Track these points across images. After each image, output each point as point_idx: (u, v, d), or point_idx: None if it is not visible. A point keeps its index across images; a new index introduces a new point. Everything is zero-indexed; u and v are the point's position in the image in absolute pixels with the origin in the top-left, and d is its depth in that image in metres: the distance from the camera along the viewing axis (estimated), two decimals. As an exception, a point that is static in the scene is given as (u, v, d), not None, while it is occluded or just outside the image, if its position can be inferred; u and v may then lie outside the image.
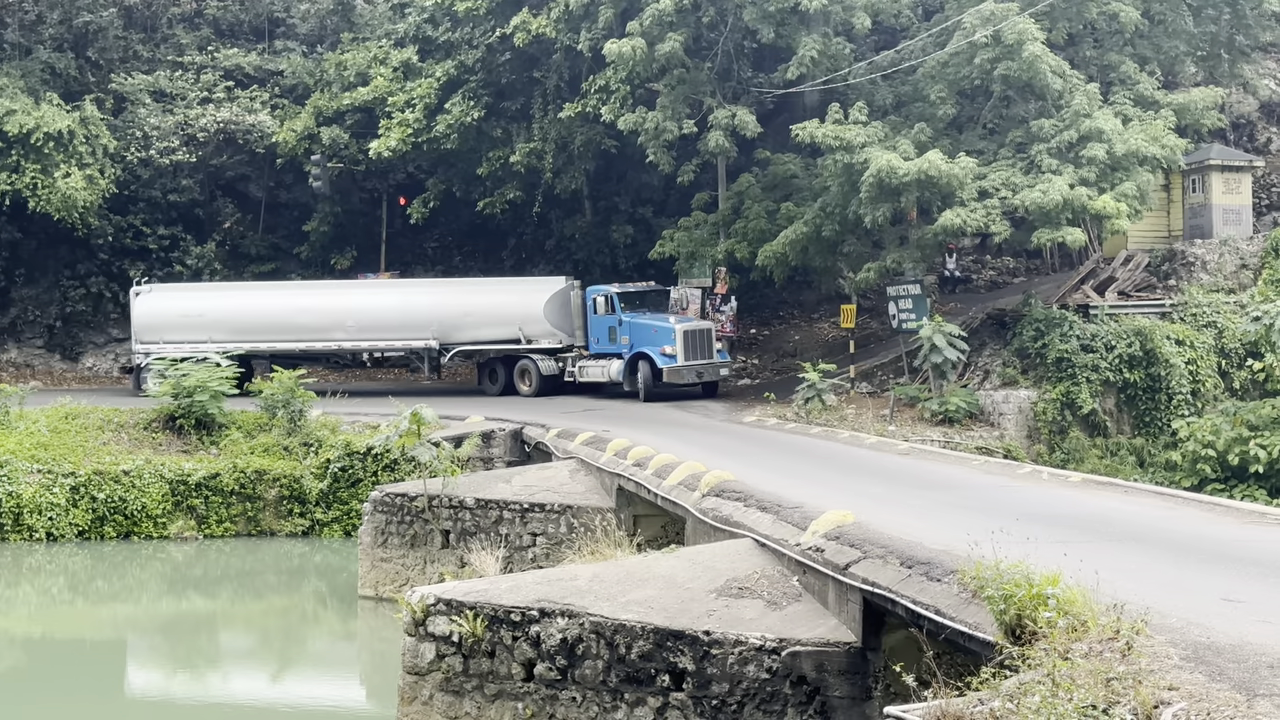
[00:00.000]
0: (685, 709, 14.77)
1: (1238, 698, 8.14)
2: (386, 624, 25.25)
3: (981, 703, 9.18)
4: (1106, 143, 35.90)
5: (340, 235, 56.35)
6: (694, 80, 42.67)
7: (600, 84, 44.61)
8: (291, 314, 45.95)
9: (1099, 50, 41.99)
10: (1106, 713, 8.11)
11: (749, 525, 17.95)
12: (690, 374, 40.49)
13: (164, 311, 45.98)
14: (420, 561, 27.86)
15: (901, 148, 37.05)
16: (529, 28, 45.83)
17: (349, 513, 34.90)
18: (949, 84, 39.35)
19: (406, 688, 16.17)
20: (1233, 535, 16.34)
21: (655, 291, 43.94)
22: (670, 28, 40.71)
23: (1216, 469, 33.71)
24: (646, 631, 15.03)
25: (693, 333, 40.73)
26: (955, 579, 12.25)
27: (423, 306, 45.36)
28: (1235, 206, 43.49)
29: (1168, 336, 37.70)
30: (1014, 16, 36.97)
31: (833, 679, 14.50)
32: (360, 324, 45.44)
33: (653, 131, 41.72)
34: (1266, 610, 11.16)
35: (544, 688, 15.46)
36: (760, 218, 42.69)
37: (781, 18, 40.60)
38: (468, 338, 44.87)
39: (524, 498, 27.00)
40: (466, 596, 16.21)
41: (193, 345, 43.98)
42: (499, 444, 34.79)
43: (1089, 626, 9.65)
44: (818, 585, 15.53)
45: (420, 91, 49.00)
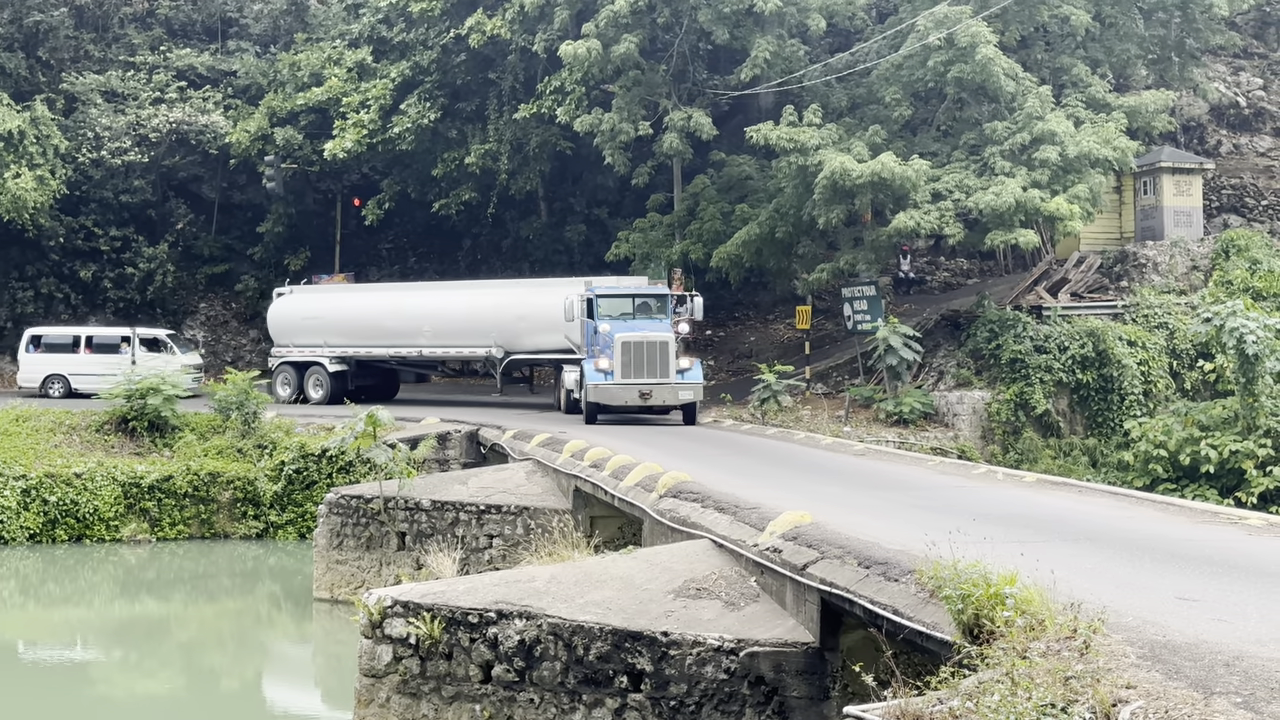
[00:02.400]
0: (643, 710, 14.76)
1: (1195, 695, 8.20)
2: (342, 627, 25.15)
3: (940, 702, 9.21)
4: (1059, 145, 36.15)
5: (294, 236, 56.11)
6: (649, 82, 42.69)
7: (556, 85, 44.59)
8: (382, 318, 42.95)
9: (1051, 53, 42.28)
10: (1065, 711, 8.16)
11: (706, 526, 17.94)
12: (630, 395, 33.78)
13: (291, 315, 44.55)
14: (376, 564, 27.74)
15: (856, 150, 37.19)
16: (484, 29, 45.77)
17: (304, 515, 34.77)
18: (903, 86, 39.53)
19: (363, 690, 16.09)
20: (1186, 535, 16.46)
21: (655, 296, 36.57)
22: (625, 29, 40.73)
23: (1168, 469, 33.97)
24: (604, 633, 15.01)
25: (636, 345, 33.82)
26: (913, 579, 12.28)
27: (486, 309, 40.78)
28: (1186, 208, 43.86)
29: (1120, 337, 37.97)
30: (967, 20, 37.18)
31: (791, 679, 14.51)
32: (436, 329, 41.52)
33: (608, 133, 41.73)
34: (1221, 609, 11.25)
35: (502, 689, 15.41)
36: (715, 219, 42.78)
37: (736, 19, 40.70)
38: (528, 345, 39.61)
39: (480, 499, 26.92)
40: (423, 598, 16.14)
41: (312, 349, 43.32)
42: (455, 445, 34.70)
43: (1046, 626, 9.69)
44: (775, 586, 15.54)
45: (375, 92, 48.85)
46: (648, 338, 34.13)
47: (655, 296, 36.47)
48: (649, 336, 34.20)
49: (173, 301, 55.32)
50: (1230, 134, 50.12)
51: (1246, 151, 49.54)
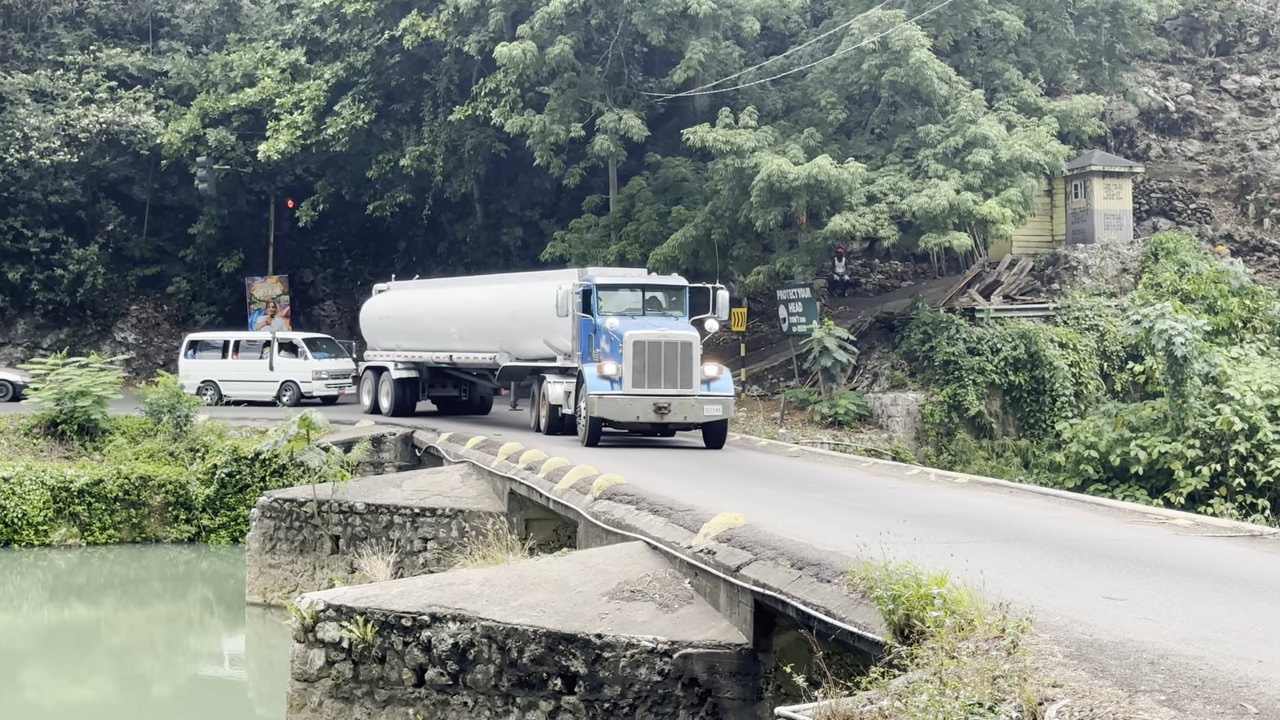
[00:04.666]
0: (577, 712, 14.75)
1: (1120, 694, 8.28)
2: (275, 631, 24.96)
3: (871, 702, 9.26)
4: (991, 149, 36.45)
5: (227, 238, 55.69)
6: (584, 84, 42.70)
7: (490, 87, 44.52)
8: (425, 317, 37.43)
9: (984, 57, 42.62)
10: (992, 710, 8.22)
11: (641, 528, 17.96)
12: (642, 409, 27.59)
13: (372, 315, 40.29)
14: (309, 567, 27.58)
15: (791, 152, 37.35)
16: (418, 30, 45.63)
17: (236, 519, 34.50)
18: (838, 89, 39.75)
19: (295, 695, 15.99)
20: (1115, 535, 16.63)
21: (670, 288, 30.30)
22: (560, 31, 40.72)
23: (1099, 469, 34.32)
24: (538, 635, 15.00)
25: (652, 345, 27.75)
26: (845, 580, 12.33)
27: (489, 306, 34.28)
28: (1116, 211, 44.33)
29: (1051, 339, 38.33)
30: (901, 23, 37.43)
31: (724, 680, 14.55)
32: (461, 330, 35.19)
33: (539, 134, 41.74)
34: (1147, 608, 11.37)
35: (435, 693, 15.37)
36: (651, 220, 42.83)
37: (671, 21, 40.78)
38: (524, 350, 32.45)
39: (415, 502, 26.83)
40: (356, 602, 16.07)
41: (386, 353, 38.69)
42: (390, 448, 34.54)
43: (975, 625, 9.76)
44: (709, 587, 15.58)
45: (309, 94, 48.59)
46: (666, 337, 27.94)
47: (670, 288, 30.20)
48: (668, 336, 27.97)
49: (103, 304, 54.75)
50: (1159, 138, 50.69)
51: (1175, 155, 50.12)
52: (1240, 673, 8.89)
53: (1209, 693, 8.37)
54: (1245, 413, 32.59)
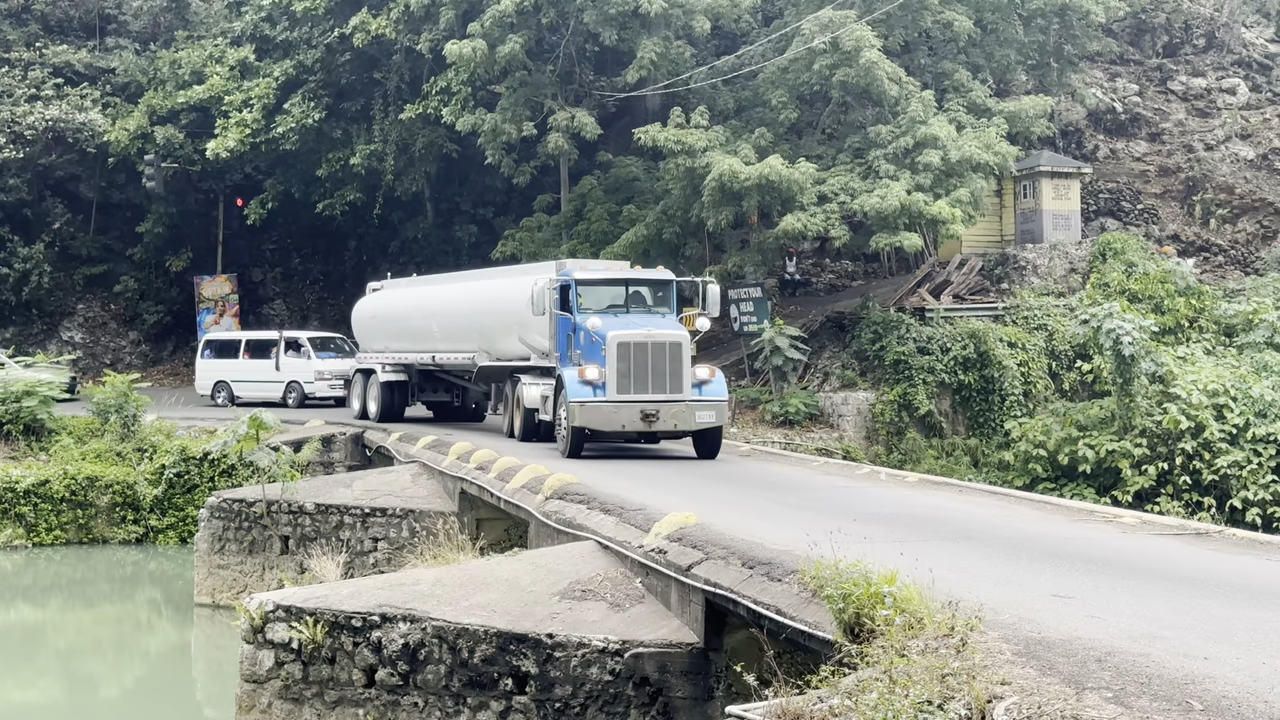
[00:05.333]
0: (528, 712, 14.73)
1: (1067, 691, 8.34)
2: (223, 632, 24.82)
3: (821, 700, 9.28)
4: (941, 149, 36.62)
5: (175, 236, 55.31)
6: (536, 83, 42.65)
7: (441, 85, 44.40)
8: (410, 315, 35.49)
9: (934, 58, 42.83)
10: (941, 708, 8.25)
11: (592, 528, 17.95)
12: (629, 417, 25.28)
13: (363, 314, 38.37)
14: (259, 568, 27.43)
15: (743, 152, 37.42)
16: (368, 28, 45.46)
17: (185, 519, 34.25)
18: (789, 89, 39.85)
19: (244, 696, 15.90)
20: (1063, 533, 16.74)
21: (655, 283, 27.91)
22: (511, 29, 40.66)
23: (1047, 468, 34.55)
24: (489, 635, 14.97)
25: (638, 347, 25.37)
26: (796, 579, 12.36)
27: (469, 303, 32.46)
28: (1064, 212, 44.64)
29: (1000, 339, 38.55)
30: (851, 24, 37.56)
31: (675, 680, 14.56)
32: (443, 329, 33.19)
33: (491, 133, 41.66)
34: (1095, 606, 11.45)
35: (385, 693, 15.31)
36: (602, 220, 42.83)
37: (623, 21, 40.78)
38: (502, 351, 30.37)
39: (365, 502, 26.73)
40: (306, 603, 15.99)
41: (375, 354, 36.56)
42: (340, 448, 34.39)
43: (925, 624, 9.80)
44: (660, 587, 15.59)
45: (258, 91, 48.31)
46: (653, 337, 25.54)
47: (656, 283, 27.90)
48: (655, 336, 25.58)
49: (49, 303, 54.28)
50: (1107, 139, 51.07)
51: (1123, 156, 50.51)
52: (1186, 670, 8.97)
53: (1155, 690, 8.44)
54: (1191, 412, 32.87)
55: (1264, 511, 31.22)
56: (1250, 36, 55.57)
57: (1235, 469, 31.95)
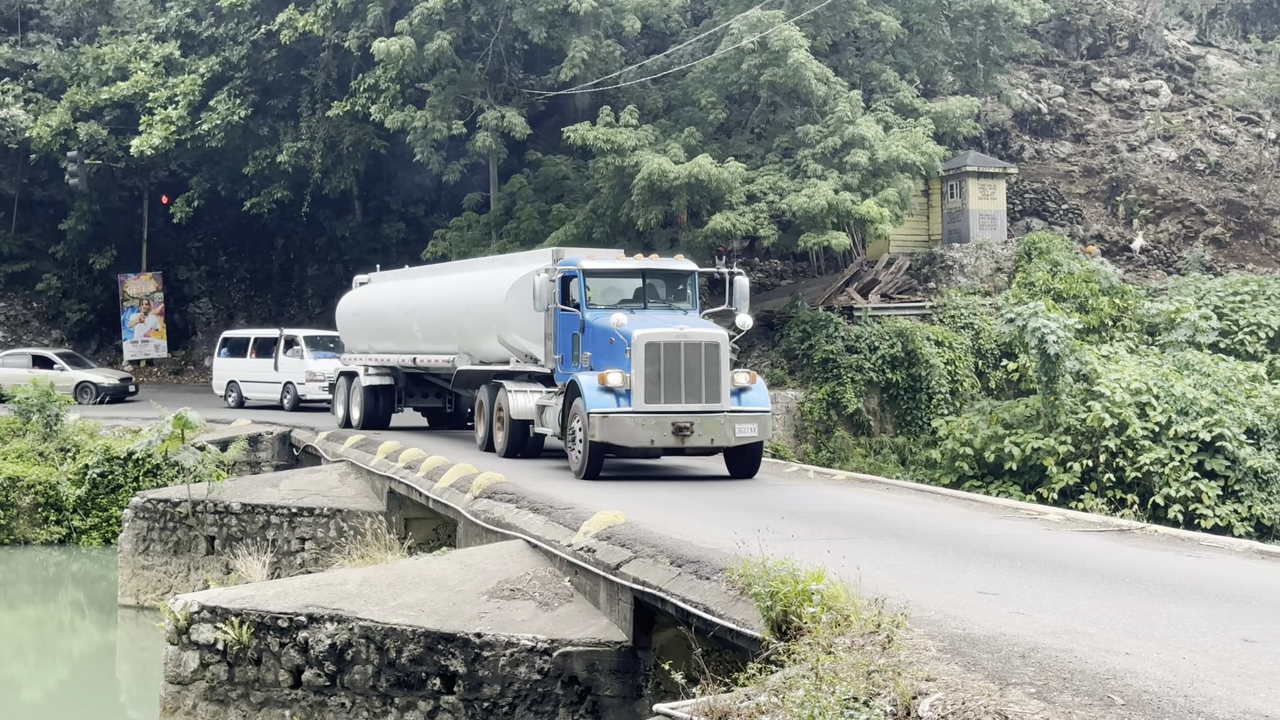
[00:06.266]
0: (456, 712, 14.70)
1: (991, 687, 8.41)
2: (148, 633, 24.57)
3: (748, 698, 9.32)
4: (869, 149, 36.82)
5: (99, 234, 54.70)
6: (464, 80, 42.51)
7: (369, 83, 44.16)
8: (395, 314, 32.27)
9: (861, 58, 43.06)
10: (868, 704, 8.31)
11: (521, 526, 17.93)
12: (659, 431, 21.67)
13: (347, 311, 35.50)
14: (184, 569, 27.20)
15: (672, 151, 37.46)
16: (295, 25, 45.12)
17: (109, 520, 33.89)
18: (718, 89, 39.93)
19: (168, 698, 15.75)
20: (989, 530, 16.90)
21: (676, 274, 24.55)
22: (440, 27, 40.49)
23: (974, 466, 34.81)
24: (417, 635, 14.92)
25: (669, 348, 21.86)
26: (724, 577, 12.41)
27: (448, 297, 29.57)
28: (990, 212, 45.00)
29: (928, 338, 38.80)
30: (779, 24, 37.68)
31: (604, 678, 14.58)
32: (423, 326, 30.38)
33: (421, 131, 41.49)
34: (1019, 602, 11.56)
35: (312, 694, 15.22)
36: (532, 218, 42.74)
37: (552, 19, 40.71)
38: (483, 351, 27.40)
39: (292, 502, 26.58)
40: (232, 603, 15.87)
41: (360, 355, 33.62)
42: (267, 447, 34.16)
43: (852, 621, 9.86)
44: (589, 585, 15.60)
45: (183, 88, 47.84)
46: (687, 337, 22.06)
47: (675, 274, 24.46)
48: (689, 336, 22.10)
49: (-30, 301, 53.61)
50: (1032, 139, 51.55)
51: (1048, 156, 51.00)
52: (1108, 665, 9.08)
53: (1078, 685, 8.53)
54: (1115, 409, 33.22)
55: (1185, 508, 31.61)
56: (1172, 39, 56.29)
57: (1157, 466, 32.33)
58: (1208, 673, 8.91)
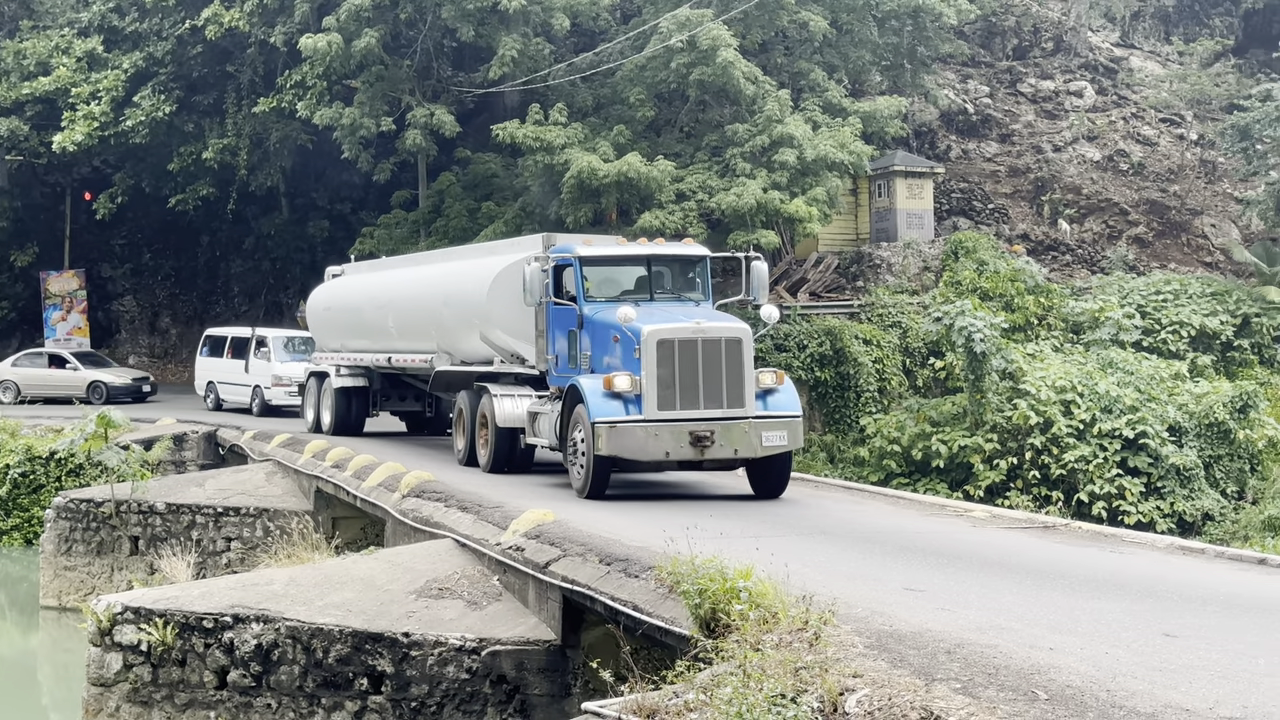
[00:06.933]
0: (384, 712, 14.63)
1: (917, 683, 8.47)
2: (70, 635, 24.27)
3: (676, 695, 9.33)
4: (797, 148, 36.96)
5: (20, 231, 53.96)
6: (393, 77, 42.30)
7: (296, 79, 43.82)
8: (368, 308, 29.90)
9: (790, 58, 43.20)
10: (795, 701, 8.34)
11: (449, 525, 17.87)
12: (674, 441, 18.94)
13: (317, 306, 33.20)
14: (107, 569, 26.90)
15: (601, 150, 37.44)
16: (221, 21, 44.69)
17: (30, 520, 33.41)
18: (647, 87, 39.94)
19: (91, 700, 15.57)
20: (916, 527, 17.02)
21: (684, 260, 21.97)
22: (368, 24, 40.24)
23: (901, 464, 35.02)
24: (344, 635, 14.84)
25: (684, 346, 19.22)
26: (652, 575, 12.43)
27: (424, 289, 27.11)
28: (918, 211, 45.28)
29: (856, 336, 38.99)
30: (708, 23, 37.74)
31: (532, 677, 14.56)
32: (398, 323, 28.00)
33: (349, 128, 41.22)
34: (945, 599, 11.65)
35: (238, 695, 15.10)
36: (461, 216, 42.60)
37: (481, 17, 40.56)
38: (465, 350, 24.93)
39: (218, 501, 26.36)
40: (156, 604, 15.71)
41: (331, 354, 31.49)
42: (192, 447, 33.84)
43: (779, 618, 9.90)
44: (518, 584, 15.57)
45: (106, 84, 47.24)
46: (705, 333, 19.38)
47: (685, 261, 21.93)
48: (706, 331, 19.42)
49: (-112, 298, 52.75)
50: (959, 139, 51.93)
51: (974, 156, 51.39)
52: (1032, 660, 9.16)
53: (1002, 680, 8.60)
54: (1040, 407, 33.52)
55: (1109, 504, 31.96)
56: (1096, 41, 56.87)
57: (1082, 463, 32.66)
58: (1130, 667, 9.02)
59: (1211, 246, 47.14)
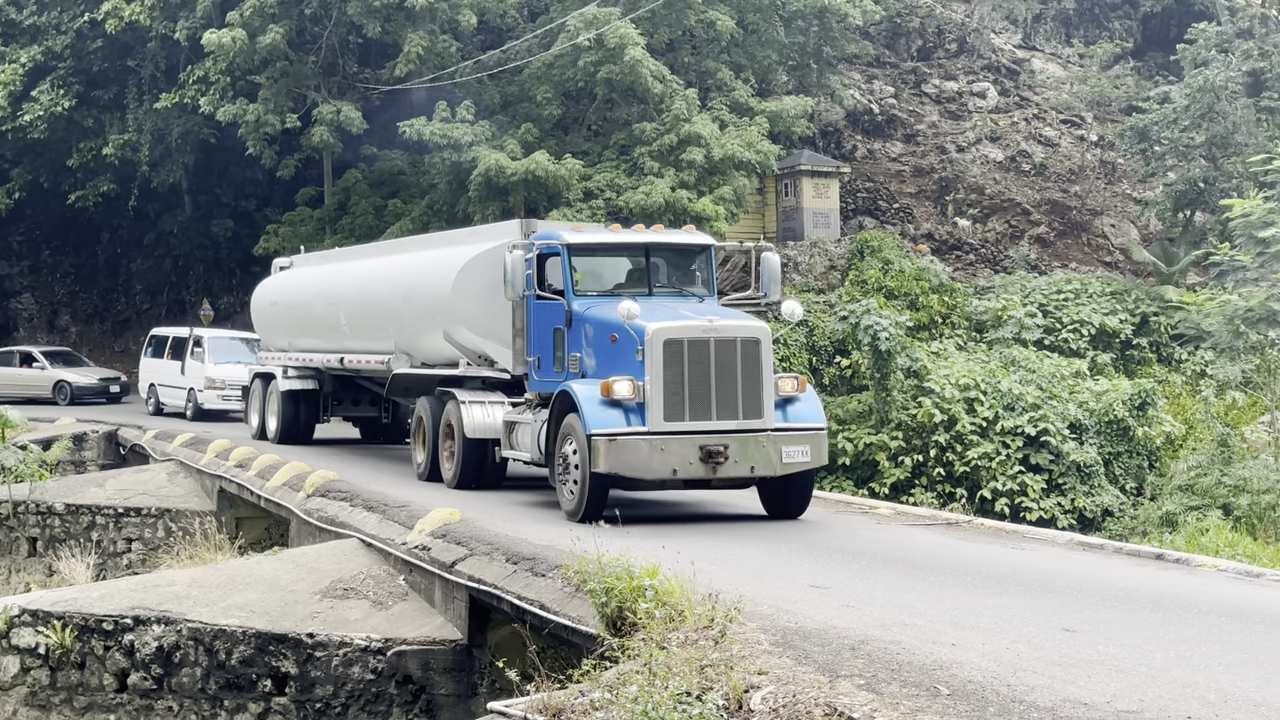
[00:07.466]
0: (288, 713, 14.51)
1: (822, 679, 8.52)
2: (-33, 639, 23.82)
3: (582, 694, 9.33)
4: (705, 147, 37.08)
5: (-88, 227, 52.98)
6: (298, 74, 41.91)
7: (199, 75, 43.28)
8: (317, 303, 27.60)
9: (697, 57, 43.33)
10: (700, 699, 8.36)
11: (355, 525, 17.76)
12: (682, 457, 16.46)
13: (263, 301, 30.84)
14: (4, 571, 26.43)
15: (509, 147, 37.34)
16: (122, 14, 44.03)
17: (-75, 522, 32.75)
18: (554, 85, 39.90)
19: (-12, 705, 15.33)
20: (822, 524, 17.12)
21: (686, 249, 19.91)
22: (272, 19, 39.82)
23: (808, 461, 35.15)
24: (248, 636, 14.70)
25: (695, 346, 16.87)
26: (559, 574, 12.42)
27: (382, 283, 24.60)
28: (824, 210, 45.57)
29: (763, 334, 39.09)
30: (616, 21, 37.76)
31: (439, 677, 14.51)
32: (351, 320, 25.74)
33: (254, 124, 40.80)
34: (850, 595, 11.74)
35: (139, 698, 14.92)
36: (367, 214, 42.31)
37: (387, 13, 40.29)
38: (428, 351, 22.46)
39: (119, 502, 26.00)
40: (54, 606, 15.48)
41: (278, 354, 29.16)
42: (92, 446, 33.37)
43: (686, 616, 9.92)
44: (424, 584, 15.50)
45: (4, 78, 46.44)
46: (718, 332, 17.11)
47: (686, 250, 19.85)
48: (720, 330, 17.18)
49: None
50: (865, 139, 52.34)
51: (880, 156, 51.82)
52: (935, 655, 9.25)
53: (905, 676, 8.68)
54: (945, 405, 33.83)
55: (1011, 501, 32.33)
56: (999, 42, 57.57)
57: (985, 460, 33.01)
58: (1030, 662, 9.13)
59: (1111, 246, 47.88)
